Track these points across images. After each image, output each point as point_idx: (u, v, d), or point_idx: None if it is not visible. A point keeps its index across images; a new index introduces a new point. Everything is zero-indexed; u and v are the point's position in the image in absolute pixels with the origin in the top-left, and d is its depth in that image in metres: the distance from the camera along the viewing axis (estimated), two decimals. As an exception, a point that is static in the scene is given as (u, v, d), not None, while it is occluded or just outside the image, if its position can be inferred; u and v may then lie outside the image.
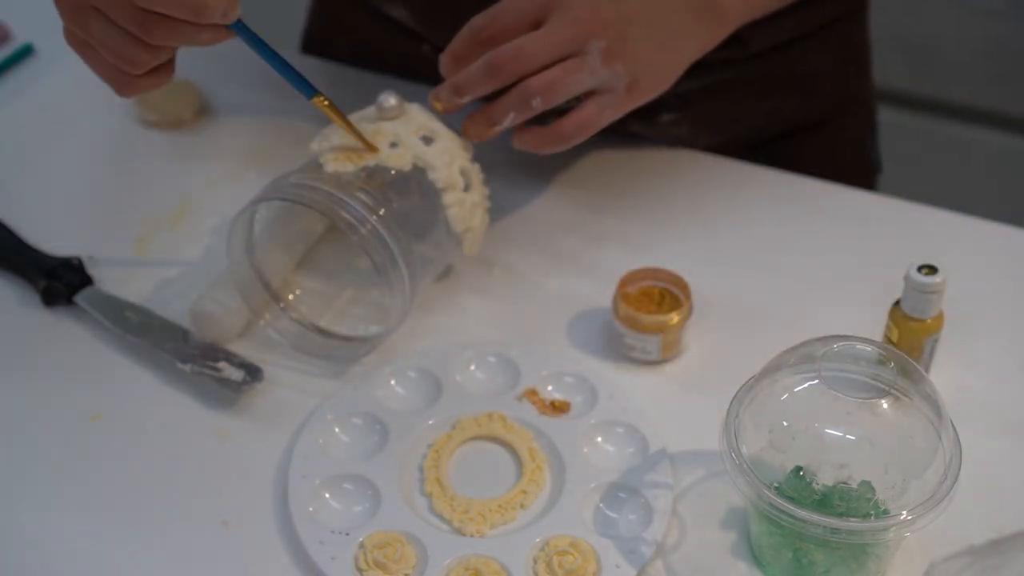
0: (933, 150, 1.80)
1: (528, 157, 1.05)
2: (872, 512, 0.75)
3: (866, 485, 0.75)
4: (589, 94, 0.90)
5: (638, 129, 1.07)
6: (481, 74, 0.88)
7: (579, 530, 0.81)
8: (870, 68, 1.18)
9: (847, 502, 0.75)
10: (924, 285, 0.84)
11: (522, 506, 0.83)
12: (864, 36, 1.16)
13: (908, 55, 1.74)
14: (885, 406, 0.77)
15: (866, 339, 0.79)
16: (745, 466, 0.76)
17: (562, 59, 0.88)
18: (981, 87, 1.79)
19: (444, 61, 0.92)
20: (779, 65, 1.09)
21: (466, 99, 0.90)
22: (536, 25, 0.89)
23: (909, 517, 0.74)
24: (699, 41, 0.95)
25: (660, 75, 0.93)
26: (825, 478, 0.76)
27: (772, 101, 1.11)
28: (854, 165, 1.19)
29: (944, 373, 0.89)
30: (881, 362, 0.78)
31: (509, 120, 0.90)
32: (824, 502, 0.75)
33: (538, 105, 0.89)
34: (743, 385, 0.79)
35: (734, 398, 0.79)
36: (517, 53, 0.87)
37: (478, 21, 0.90)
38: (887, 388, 0.78)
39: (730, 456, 0.77)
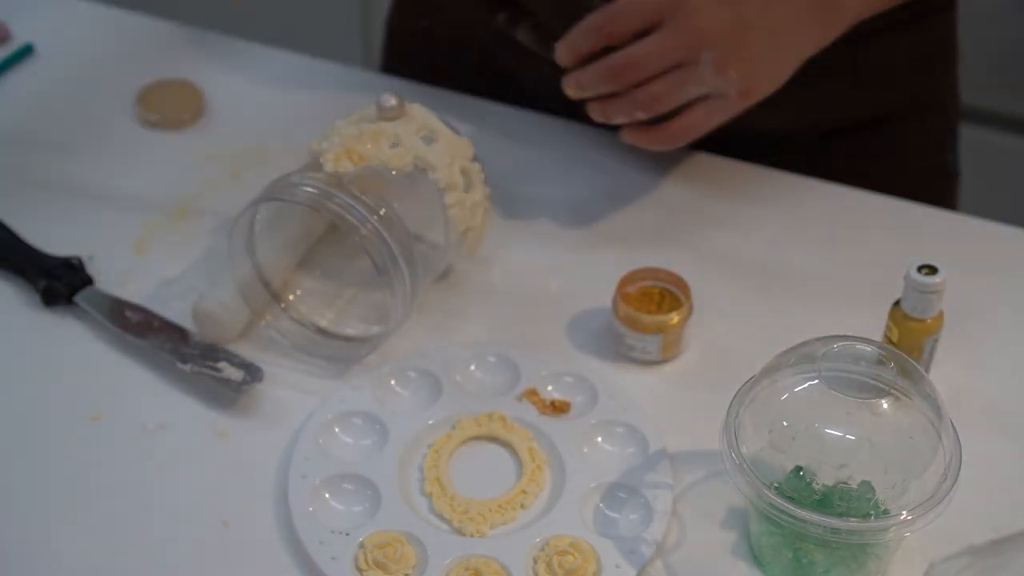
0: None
1: (528, 156, 1.05)
2: (872, 512, 0.75)
3: (866, 485, 0.75)
4: (701, 97, 0.92)
5: None
6: (599, 78, 0.92)
7: (579, 530, 0.81)
8: (955, 69, 1.15)
9: (847, 502, 0.75)
10: (924, 285, 0.84)
11: (522, 506, 0.83)
12: (951, 35, 1.13)
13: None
14: (885, 406, 0.77)
15: (866, 339, 0.79)
16: (745, 466, 0.76)
17: (675, 65, 0.90)
18: (982, 87, 1.79)
19: (561, 51, 0.94)
20: (855, 52, 1.05)
21: (587, 94, 0.94)
22: (652, 26, 0.90)
23: (909, 517, 0.74)
24: (814, 40, 0.95)
25: (773, 78, 0.94)
26: (825, 478, 0.76)
27: (842, 87, 1.08)
28: (930, 168, 1.16)
29: (944, 373, 0.89)
30: (881, 362, 0.78)
31: (618, 120, 0.94)
32: (824, 502, 0.75)
33: (643, 116, 0.92)
34: (743, 385, 0.79)
35: (734, 398, 0.79)
36: (632, 63, 0.90)
37: (597, 19, 0.92)
38: (887, 388, 0.78)
39: (730, 456, 0.77)
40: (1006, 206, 1.24)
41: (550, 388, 0.89)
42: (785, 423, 0.77)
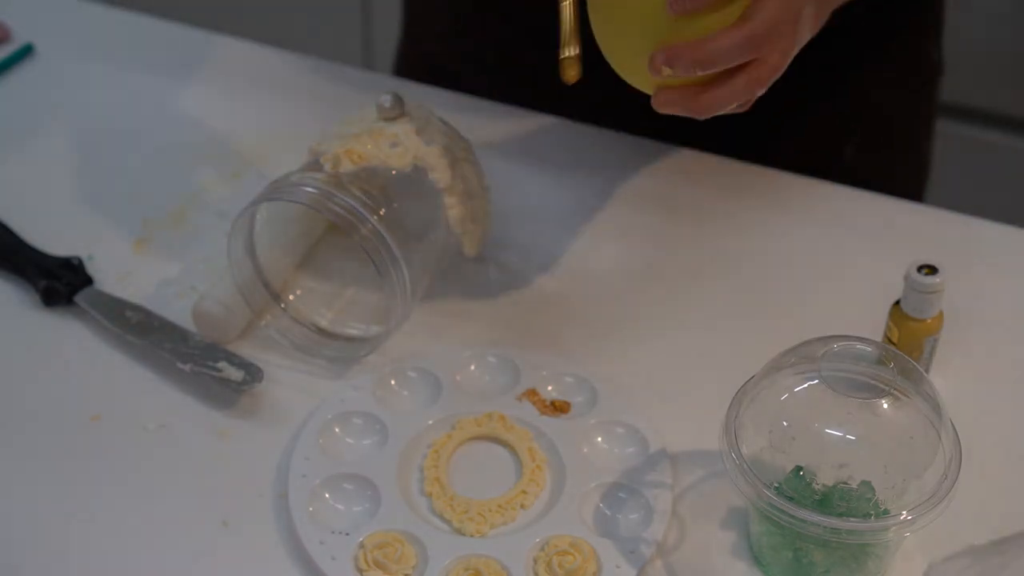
0: (936, 151, 1.80)
1: (528, 156, 1.05)
2: (872, 512, 0.75)
3: (866, 485, 0.75)
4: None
5: None
6: (738, 51, 0.78)
7: (579, 530, 0.81)
8: None
9: (847, 502, 0.75)
10: (924, 285, 0.84)
11: (522, 506, 0.83)
12: None
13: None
14: (885, 406, 0.77)
15: (866, 339, 0.79)
16: (745, 466, 0.76)
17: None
18: (982, 87, 1.79)
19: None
20: None
21: (704, 72, 0.80)
22: None
23: (909, 517, 0.74)
24: None
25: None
26: (825, 478, 0.76)
27: None
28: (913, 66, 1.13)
29: (944, 373, 0.89)
30: (881, 362, 0.78)
31: (729, 106, 0.82)
32: (824, 502, 0.75)
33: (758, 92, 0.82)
34: (743, 385, 0.79)
35: (734, 398, 0.79)
36: (772, 32, 0.79)
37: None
38: (887, 388, 0.78)
39: (730, 456, 0.76)
40: (1006, 206, 1.24)
41: (550, 388, 0.89)
42: (785, 423, 0.77)
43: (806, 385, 0.77)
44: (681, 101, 0.81)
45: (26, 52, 1.17)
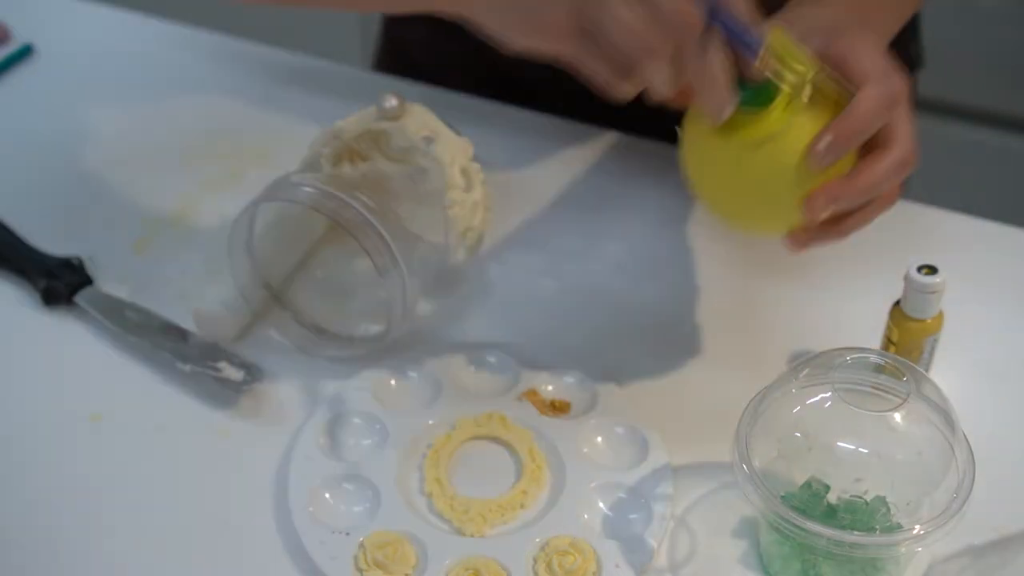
0: (934, 150, 1.80)
1: (528, 157, 1.05)
2: (878, 526, 0.74)
3: (879, 499, 0.75)
4: None
5: None
6: (896, 173, 0.78)
7: (579, 530, 0.81)
8: None
9: (858, 515, 0.74)
10: (924, 285, 0.84)
11: (522, 506, 0.83)
12: None
13: (908, 55, 1.74)
14: (898, 419, 0.76)
15: (879, 351, 0.78)
16: (756, 477, 0.75)
17: None
18: (982, 87, 1.79)
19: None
20: None
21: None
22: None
23: (921, 532, 0.73)
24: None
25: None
26: (837, 491, 0.75)
27: None
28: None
29: (944, 373, 0.89)
30: (894, 375, 0.77)
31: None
32: (831, 515, 0.75)
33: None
34: (755, 396, 0.78)
35: (746, 409, 0.78)
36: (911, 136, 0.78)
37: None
38: (901, 401, 0.77)
39: (741, 467, 0.76)
40: (1006, 206, 1.24)
41: (550, 388, 0.89)
42: (797, 435, 0.76)
43: (818, 397, 0.76)
44: (824, 236, 0.81)
45: (26, 52, 1.17)
